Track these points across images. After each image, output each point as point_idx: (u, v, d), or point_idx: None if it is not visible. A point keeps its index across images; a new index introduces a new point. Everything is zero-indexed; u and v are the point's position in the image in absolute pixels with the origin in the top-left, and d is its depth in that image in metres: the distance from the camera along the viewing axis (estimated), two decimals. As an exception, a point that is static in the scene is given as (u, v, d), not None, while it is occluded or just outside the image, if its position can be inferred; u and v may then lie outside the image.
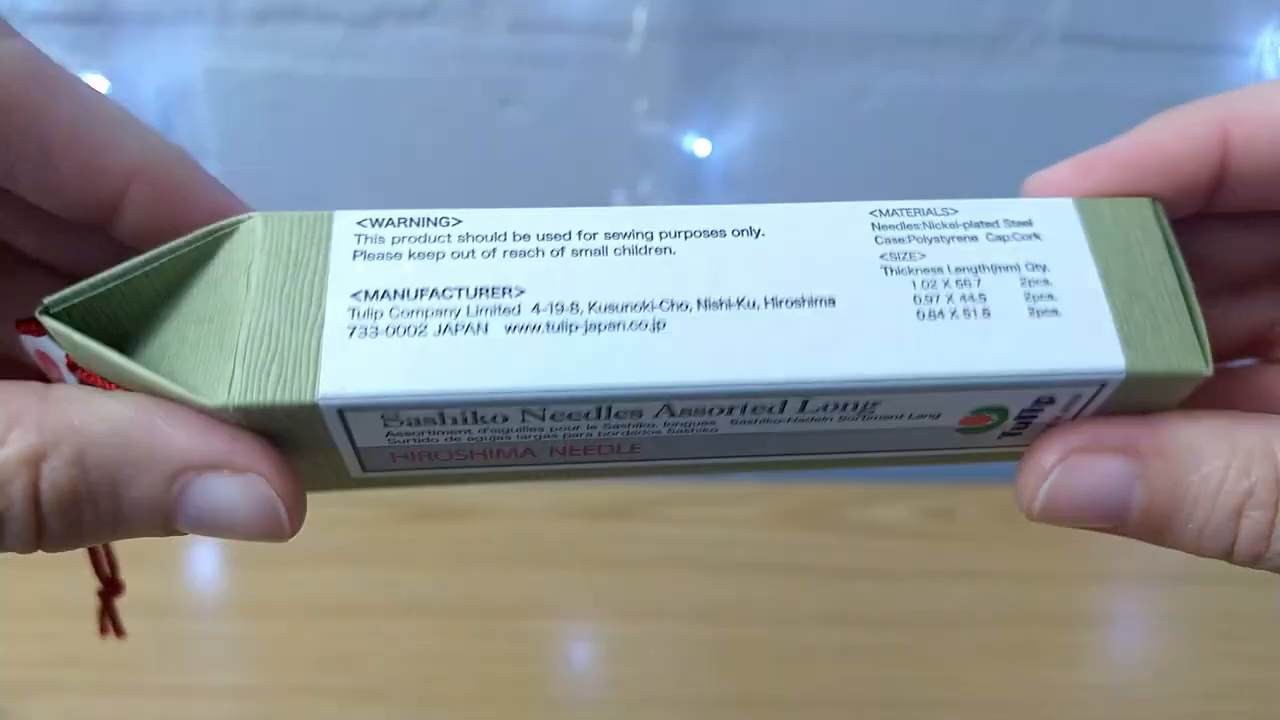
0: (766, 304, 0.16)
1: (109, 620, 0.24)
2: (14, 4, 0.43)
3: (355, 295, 0.16)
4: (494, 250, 0.17)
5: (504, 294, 0.16)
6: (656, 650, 0.41)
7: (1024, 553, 0.46)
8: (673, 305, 0.16)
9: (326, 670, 0.39)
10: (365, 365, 0.16)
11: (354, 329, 0.16)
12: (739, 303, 0.16)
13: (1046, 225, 0.18)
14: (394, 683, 0.39)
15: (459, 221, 0.17)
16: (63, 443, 0.15)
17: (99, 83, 0.46)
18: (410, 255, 0.16)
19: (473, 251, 0.17)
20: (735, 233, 0.17)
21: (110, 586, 0.23)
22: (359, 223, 0.17)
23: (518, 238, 0.17)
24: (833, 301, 0.16)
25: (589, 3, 0.46)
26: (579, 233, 0.17)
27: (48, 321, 0.17)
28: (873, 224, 0.17)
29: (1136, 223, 0.18)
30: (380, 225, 0.17)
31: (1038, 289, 0.17)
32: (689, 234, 0.17)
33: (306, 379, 0.16)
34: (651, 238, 0.17)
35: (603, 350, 0.16)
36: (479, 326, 0.16)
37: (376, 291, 0.16)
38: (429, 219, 0.17)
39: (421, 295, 0.16)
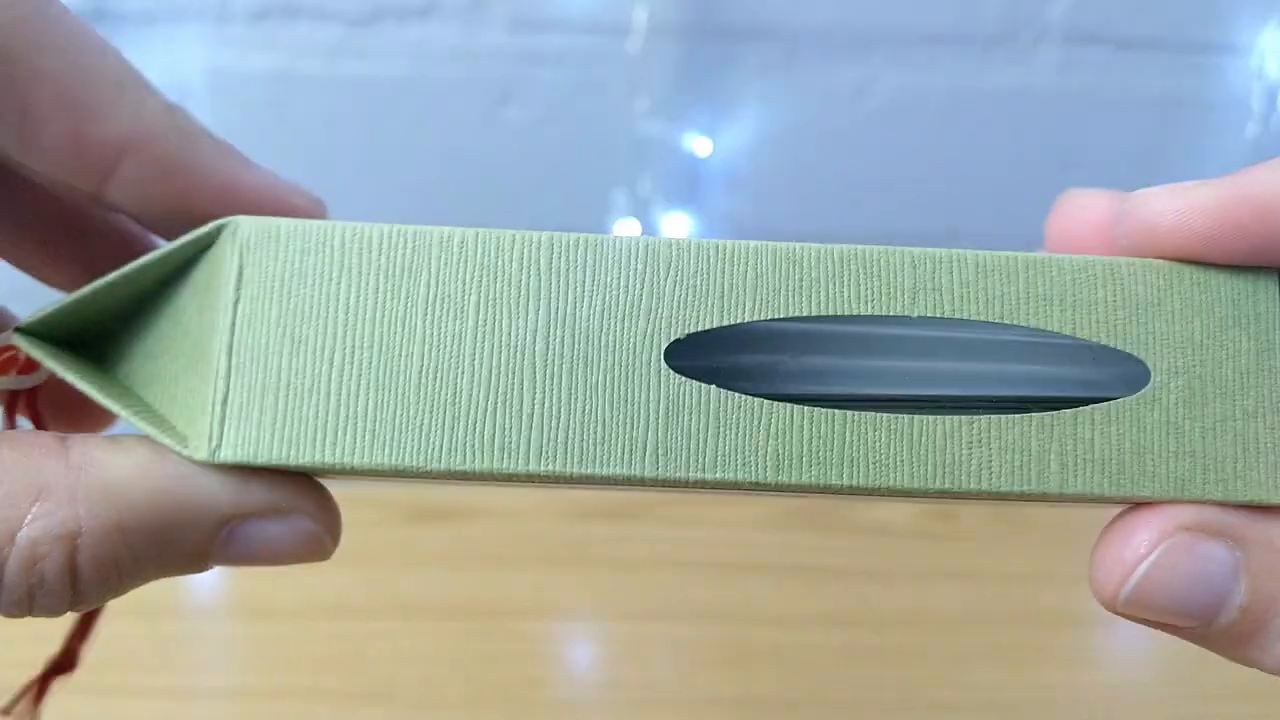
0: None
1: (33, 696, 0.20)
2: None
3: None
4: None
5: None
6: (656, 650, 0.41)
7: (1024, 553, 0.46)
8: None
9: (325, 671, 0.39)
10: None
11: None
12: None
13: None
14: (393, 684, 0.39)
15: None
16: (99, 514, 0.14)
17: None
18: None
19: None
20: None
21: (66, 664, 0.21)
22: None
23: None
24: None
25: (589, 1, 0.46)
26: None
27: (24, 343, 0.16)
28: None
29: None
30: None
31: None
32: None
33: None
34: None
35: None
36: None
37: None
38: None
39: None
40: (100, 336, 0.17)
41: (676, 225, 0.50)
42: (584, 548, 0.46)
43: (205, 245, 0.16)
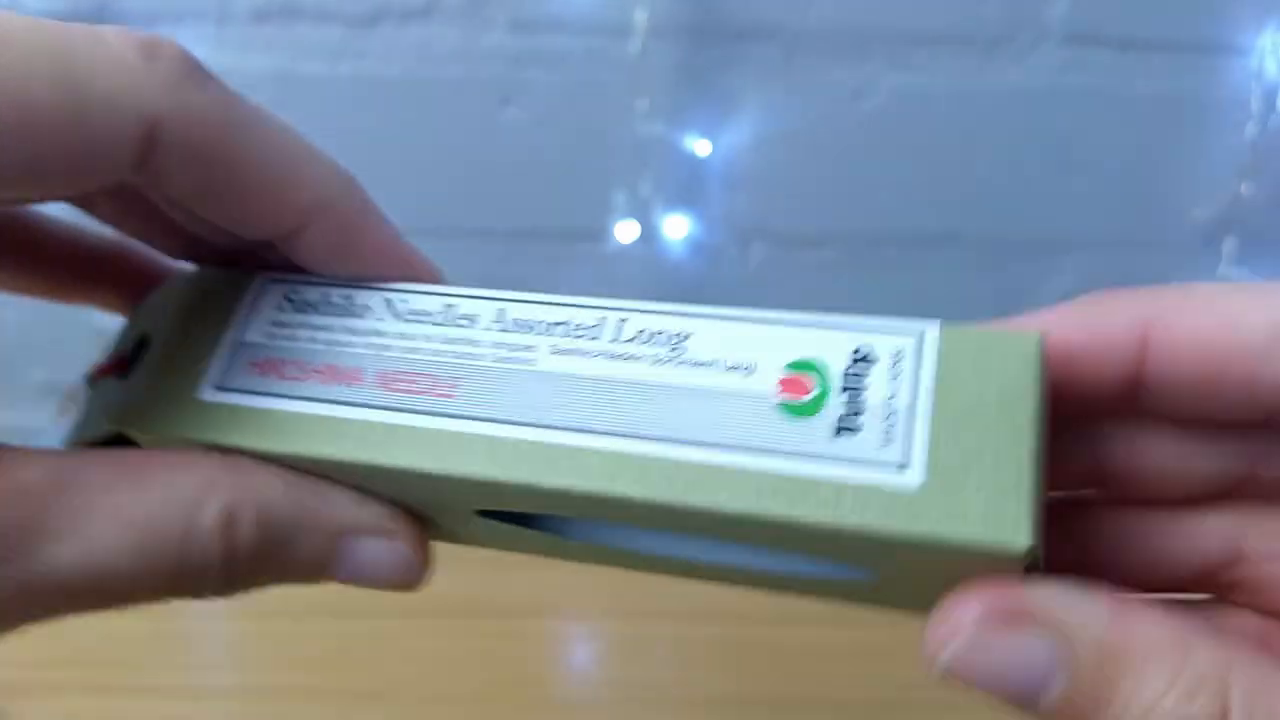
0: None
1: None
2: (14, 3, 0.43)
3: None
4: None
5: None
6: (656, 649, 0.41)
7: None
8: None
9: (326, 671, 0.39)
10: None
11: None
12: None
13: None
14: (393, 683, 0.39)
15: None
16: (247, 505, 0.17)
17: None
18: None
19: None
20: None
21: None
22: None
23: None
24: None
25: (589, 2, 0.46)
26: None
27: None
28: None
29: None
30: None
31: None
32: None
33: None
34: None
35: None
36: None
37: None
38: None
39: None
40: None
41: (676, 225, 0.50)
42: (584, 548, 0.46)
43: None
